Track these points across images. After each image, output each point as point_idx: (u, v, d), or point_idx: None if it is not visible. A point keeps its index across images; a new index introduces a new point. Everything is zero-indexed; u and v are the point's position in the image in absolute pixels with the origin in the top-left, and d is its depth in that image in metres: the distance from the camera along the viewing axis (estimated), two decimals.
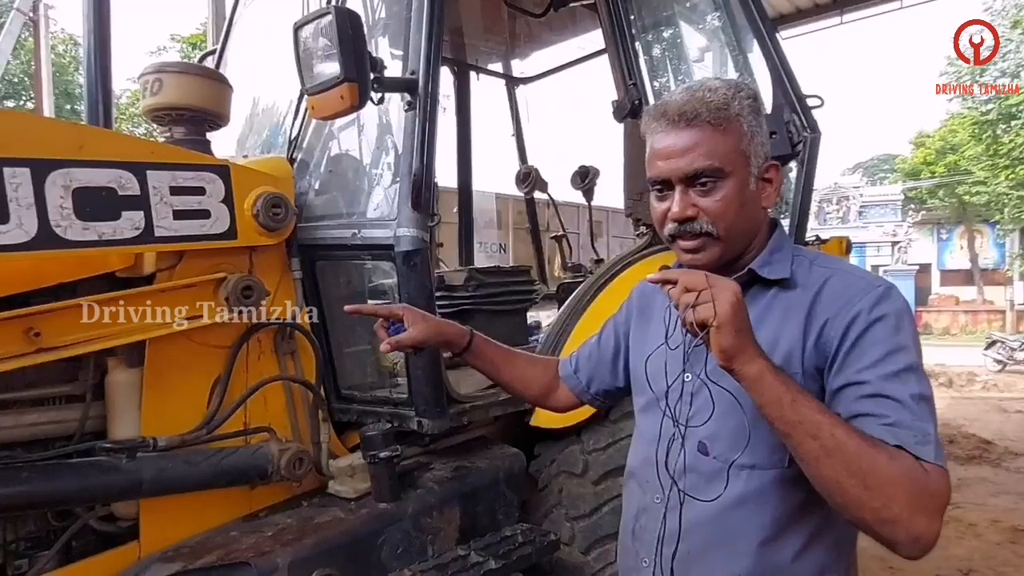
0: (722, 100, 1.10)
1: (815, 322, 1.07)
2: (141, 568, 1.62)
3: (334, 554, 1.67)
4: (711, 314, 0.93)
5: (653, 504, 1.21)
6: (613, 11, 2.54)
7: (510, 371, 1.53)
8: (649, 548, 1.20)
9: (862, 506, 0.91)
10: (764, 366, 0.95)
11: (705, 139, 1.09)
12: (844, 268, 1.15)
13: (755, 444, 1.09)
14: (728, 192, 1.10)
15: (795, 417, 0.93)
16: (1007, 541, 4.65)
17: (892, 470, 0.90)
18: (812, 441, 0.92)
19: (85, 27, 2.21)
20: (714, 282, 0.95)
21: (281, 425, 1.93)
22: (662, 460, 1.20)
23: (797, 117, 2.24)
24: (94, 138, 1.65)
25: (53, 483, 1.52)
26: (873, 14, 8.27)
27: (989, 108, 20.57)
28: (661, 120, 1.13)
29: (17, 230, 1.45)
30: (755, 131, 1.12)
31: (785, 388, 0.94)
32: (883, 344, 1.00)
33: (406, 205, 1.89)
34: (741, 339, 0.94)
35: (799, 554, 1.09)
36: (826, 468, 0.92)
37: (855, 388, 1.00)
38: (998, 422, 8.73)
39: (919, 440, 0.93)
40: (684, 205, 1.10)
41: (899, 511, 0.89)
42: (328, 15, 1.66)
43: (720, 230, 1.11)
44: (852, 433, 0.92)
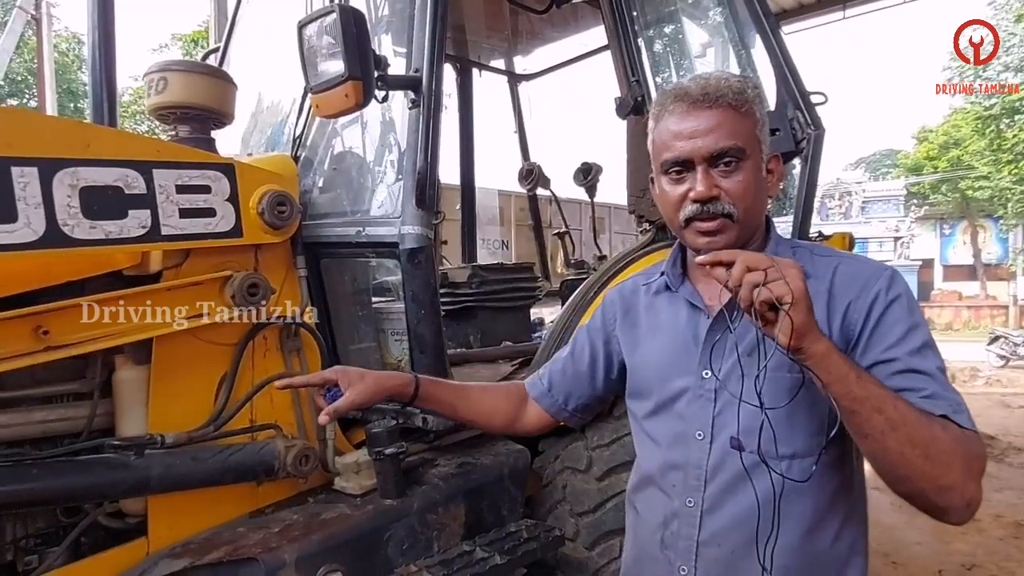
0: (738, 85, 1.12)
1: (838, 307, 1.09)
2: (149, 564, 1.63)
3: (340, 550, 1.67)
4: (787, 290, 0.90)
5: (685, 508, 1.18)
6: (616, 7, 2.53)
7: (467, 407, 1.48)
8: (687, 555, 1.18)
9: (924, 475, 0.94)
10: (829, 343, 0.96)
11: (729, 119, 1.10)
12: (847, 256, 1.19)
13: (793, 433, 1.09)
14: (749, 174, 1.11)
15: (862, 393, 0.94)
16: (1010, 536, 4.65)
17: (947, 439, 0.94)
18: (878, 415, 0.94)
19: (89, 25, 2.21)
20: (777, 259, 0.94)
21: (287, 422, 1.94)
22: (691, 462, 1.18)
23: (801, 114, 2.24)
24: (100, 137, 1.65)
25: (63, 480, 1.53)
26: (876, 8, 8.25)
27: (992, 103, 20.55)
28: (681, 101, 1.12)
29: (25, 229, 1.46)
30: (764, 120, 1.16)
31: (850, 365, 0.96)
32: (903, 322, 1.05)
33: (410, 203, 1.89)
34: (811, 317, 0.94)
35: (836, 536, 1.12)
36: (891, 440, 0.94)
37: (886, 366, 1.03)
38: (1001, 418, 8.72)
39: (955, 409, 0.98)
40: (709, 184, 1.10)
41: (956, 477, 0.93)
42: (332, 13, 1.66)
43: (740, 211, 1.11)
44: (911, 406, 0.96)
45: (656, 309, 1.32)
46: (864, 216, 27.85)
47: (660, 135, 1.16)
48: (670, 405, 1.24)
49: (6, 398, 1.59)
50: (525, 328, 3.31)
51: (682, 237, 1.20)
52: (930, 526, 4.80)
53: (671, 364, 1.23)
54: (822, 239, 3.15)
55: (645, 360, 1.32)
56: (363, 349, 2.19)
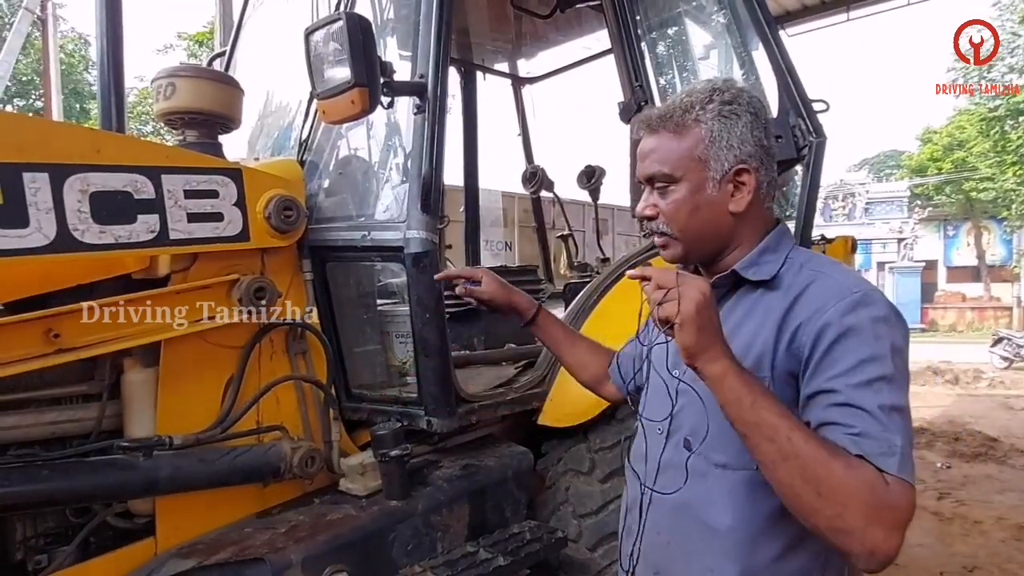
0: (686, 106, 1.14)
1: (789, 326, 1.07)
2: (158, 564, 1.66)
3: (346, 550, 1.70)
4: (674, 311, 0.95)
5: (640, 496, 1.25)
6: (619, 12, 2.55)
7: (569, 350, 1.62)
8: (635, 539, 1.24)
9: (816, 513, 0.90)
10: (727, 366, 0.96)
11: (660, 146, 1.15)
12: (830, 272, 1.12)
13: (728, 443, 1.09)
14: (678, 196, 1.14)
15: (753, 419, 0.94)
16: (1012, 538, 4.65)
17: (848, 479, 0.89)
18: (769, 444, 0.93)
19: (97, 28, 2.23)
20: (683, 280, 0.97)
21: (293, 424, 1.96)
22: (651, 454, 1.23)
23: (803, 121, 2.25)
24: (110, 143, 1.68)
25: (73, 481, 1.56)
26: (880, 11, 8.24)
27: (997, 104, 20.49)
28: (643, 125, 1.20)
29: (37, 234, 1.48)
30: (719, 136, 1.12)
31: (747, 390, 0.95)
32: (856, 353, 0.98)
33: (415, 208, 1.91)
34: (704, 337, 0.95)
35: (780, 558, 1.09)
36: (781, 472, 0.92)
37: (825, 396, 0.99)
38: (1004, 419, 8.70)
39: (884, 452, 0.91)
40: (644, 204, 1.18)
41: (853, 521, 0.88)
42: (339, 21, 1.68)
43: (674, 230, 1.16)
44: (811, 439, 0.92)
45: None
46: (868, 217, 27.77)
47: None
48: (649, 398, 1.30)
49: (17, 399, 1.62)
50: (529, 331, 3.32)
51: None
52: (932, 528, 4.81)
53: (656, 360, 1.27)
54: (825, 242, 3.17)
55: (644, 355, 1.36)
56: (368, 351, 2.21)
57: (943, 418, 8.65)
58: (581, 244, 4.64)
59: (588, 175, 3.73)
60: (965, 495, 5.55)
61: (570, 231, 4.20)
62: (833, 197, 28.29)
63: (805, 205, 2.35)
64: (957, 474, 6.23)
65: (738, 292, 1.17)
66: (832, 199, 28.30)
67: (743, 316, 1.14)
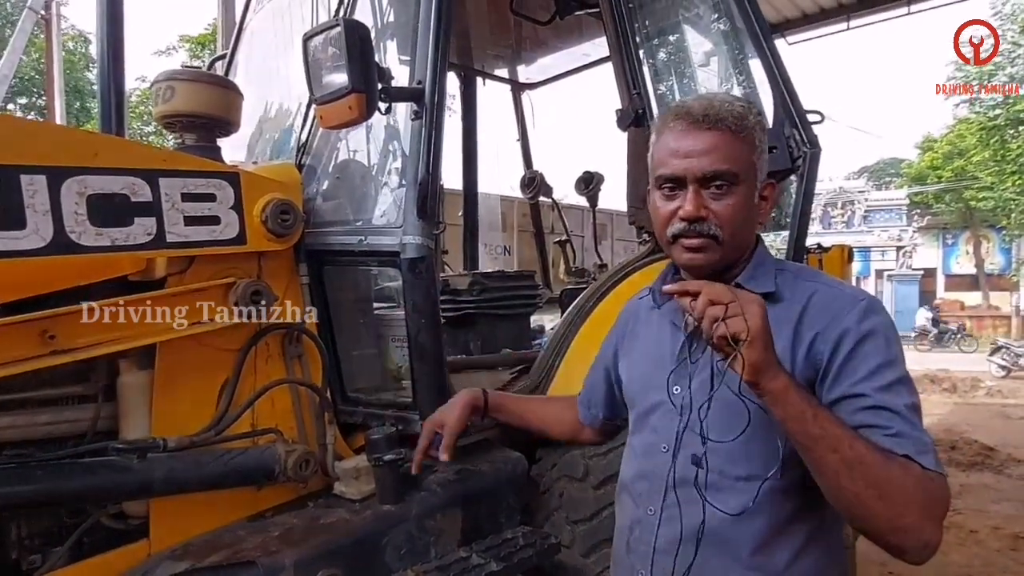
0: (741, 110, 1.13)
1: (804, 335, 1.09)
2: (151, 565, 1.66)
3: (339, 554, 1.69)
4: (743, 327, 0.92)
5: (647, 516, 1.23)
6: (618, 20, 2.56)
7: (533, 417, 1.67)
8: (645, 560, 1.22)
9: (879, 516, 0.94)
10: (787, 381, 0.97)
11: (726, 143, 1.10)
12: (828, 282, 1.17)
13: (750, 456, 1.11)
14: (739, 199, 1.12)
15: (818, 431, 0.95)
16: (1007, 548, 4.67)
17: (906, 480, 0.93)
18: (833, 454, 0.94)
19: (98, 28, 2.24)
20: (740, 295, 0.96)
21: (288, 427, 1.96)
22: (655, 473, 1.22)
23: (797, 132, 2.26)
24: (108, 146, 1.69)
25: (68, 481, 1.56)
26: (880, 19, 8.27)
27: (997, 113, 20.53)
28: (682, 120, 1.14)
29: (34, 236, 1.49)
30: (763, 147, 1.15)
31: (808, 403, 0.96)
32: (875, 357, 1.03)
33: (412, 213, 1.92)
34: (769, 355, 0.95)
35: (792, 561, 1.11)
36: (845, 480, 0.94)
37: (854, 400, 1.02)
38: (1001, 428, 8.72)
39: (920, 449, 0.97)
40: (697, 204, 1.11)
41: (913, 519, 0.93)
42: (337, 26, 1.70)
43: (726, 234, 1.12)
44: (869, 446, 0.95)
45: (650, 323, 1.35)
46: (866, 225, 27.84)
47: (658, 151, 1.18)
48: (647, 417, 1.29)
49: (12, 400, 1.62)
50: (525, 336, 3.33)
51: (668, 251, 1.22)
52: None
53: (650, 378, 1.26)
54: (821, 251, 3.18)
55: (631, 373, 1.37)
56: (364, 355, 2.22)
57: (940, 427, 8.67)
58: (579, 250, 4.65)
59: (586, 181, 3.74)
60: (961, 504, 5.55)
61: (568, 237, 4.21)
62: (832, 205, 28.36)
63: (799, 215, 2.36)
64: (953, 483, 6.19)
65: None
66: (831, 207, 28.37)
67: None
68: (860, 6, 8.02)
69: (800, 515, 1.12)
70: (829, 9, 8.09)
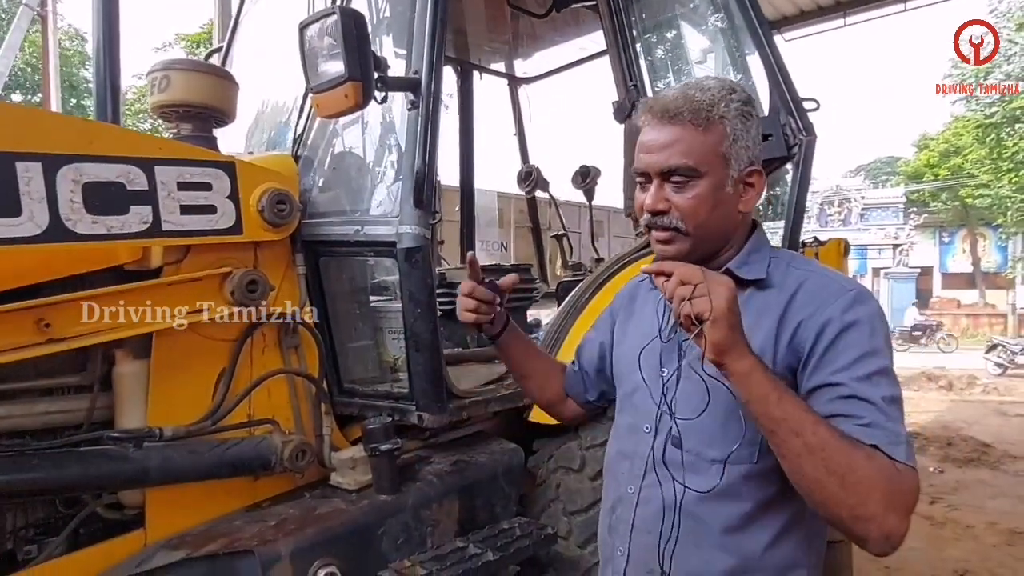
0: (709, 101, 1.12)
1: (789, 323, 1.09)
2: (147, 555, 1.66)
3: (335, 544, 1.70)
4: (707, 307, 0.94)
5: (627, 495, 1.24)
6: (614, 13, 2.57)
7: (531, 368, 1.58)
8: (624, 539, 1.24)
9: (840, 503, 0.94)
10: (754, 362, 0.97)
11: (684, 138, 1.11)
12: (819, 271, 1.17)
13: (725, 439, 1.11)
14: (700, 191, 1.12)
15: (780, 414, 0.95)
16: (1003, 543, 4.68)
17: (869, 469, 0.93)
18: (795, 438, 0.94)
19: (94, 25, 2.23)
20: (709, 276, 0.97)
21: (284, 417, 1.97)
22: (637, 452, 1.24)
23: (793, 120, 2.27)
24: (103, 134, 1.68)
25: (64, 471, 1.56)
26: (876, 16, 8.28)
27: (993, 111, 20.59)
28: (648, 114, 1.16)
29: (29, 223, 1.49)
30: (739, 135, 1.14)
31: (772, 385, 0.97)
32: (856, 347, 1.03)
33: (408, 203, 1.92)
34: (734, 335, 0.96)
35: (769, 546, 1.12)
36: (807, 465, 0.95)
37: (830, 389, 1.02)
38: (997, 425, 8.75)
39: (892, 441, 0.96)
40: (656, 198, 1.14)
41: (874, 509, 0.92)
42: (333, 15, 1.69)
43: (688, 227, 1.13)
44: (833, 432, 0.95)
45: (647, 303, 1.36)
46: (863, 223, 27.88)
47: (637, 144, 1.20)
48: (631, 397, 1.30)
49: (7, 390, 1.62)
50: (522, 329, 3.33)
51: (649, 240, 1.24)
52: (924, 532, 4.83)
53: (637, 358, 1.27)
54: (818, 244, 3.19)
55: (621, 352, 1.38)
56: (360, 346, 2.22)
57: (937, 424, 8.69)
58: (576, 244, 4.65)
59: (583, 175, 3.75)
60: (957, 500, 5.58)
61: (565, 231, 4.22)
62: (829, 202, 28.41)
63: (795, 204, 2.36)
64: (950, 479, 6.26)
65: None
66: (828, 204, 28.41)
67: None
68: (856, 3, 8.04)
69: (779, 500, 1.11)
70: (826, 6, 8.10)
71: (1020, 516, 5.19)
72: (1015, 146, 19.77)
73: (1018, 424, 8.93)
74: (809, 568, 1.16)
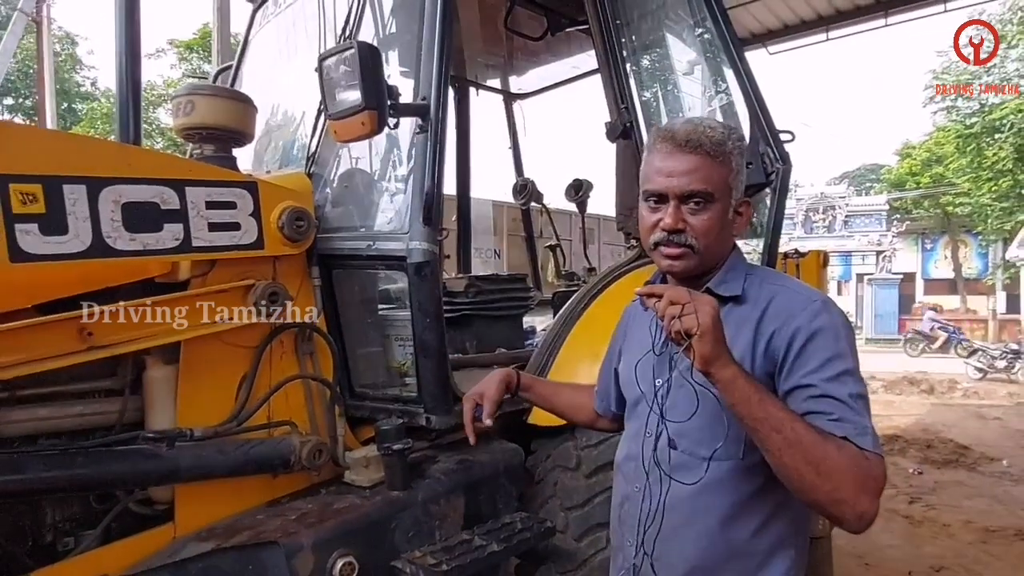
0: (720, 137, 1.28)
1: (763, 333, 1.24)
2: (178, 546, 1.79)
3: (352, 536, 1.83)
4: (695, 324, 1.08)
5: (634, 492, 1.39)
6: (606, 37, 2.71)
7: (559, 401, 1.75)
8: (631, 531, 1.38)
9: (817, 489, 1.08)
10: (736, 370, 1.12)
11: (704, 166, 1.26)
12: (789, 286, 1.32)
13: (715, 439, 1.26)
14: (714, 215, 1.28)
15: (762, 414, 1.10)
16: (979, 541, 4.85)
17: (841, 458, 1.07)
18: (776, 435, 1.09)
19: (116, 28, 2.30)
20: (695, 296, 1.12)
21: (301, 420, 2.10)
22: (642, 454, 1.38)
23: (771, 149, 2.44)
24: (140, 157, 1.83)
25: (104, 468, 1.69)
26: (857, 32, 8.52)
27: (973, 121, 20.89)
28: (668, 142, 1.29)
29: (75, 240, 1.63)
30: (740, 169, 1.31)
31: (754, 389, 1.11)
32: (824, 352, 1.18)
33: (417, 220, 2.06)
34: (718, 347, 1.10)
35: (757, 531, 1.27)
36: (787, 457, 1.09)
37: (803, 390, 1.17)
38: (976, 428, 8.96)
39: (859, 432, 1.11)
40: (676, 218, 1.27)
41: (847, 493, 1.07)
42: (351, 49, 1.83)
43: (701, 245, 1.28)
44: (808, 428, 1.09)
45: (641, 324, 1.50)
46: (847, 230, 28.22)
47: (646, 167, 1.34)
48: (635, 407, 1.46)
49: (48, 393, 1.74)
50: (518, 336, 3.46)
51: (651, 256, 1.38)
52: (903, 530, 5.00)
53: (645, 369, 1.42)
54: (798, 256, 3.36)
55: (624, 368, 1.52)
56: (370, 353, 2.35)
57: (917, 426, 8.90)
58: (568, 253, 4.80)
59: (576, 188, 3.88)
60: (935, 500, 5.76)
61: (558, 241, 4.36)
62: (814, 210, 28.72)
63: (772, 225, 2.54)
64: (928, 480, 6.44)
65: None
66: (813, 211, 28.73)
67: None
68: (839, 18, 8.27)
69: (765, 491, 1.26)
70: (809, 20, 8.34)
71: (995, 515, 5.37)
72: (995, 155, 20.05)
73: (996, 427, 9.15)
74: (796, 549, 1.31)
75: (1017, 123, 18.62)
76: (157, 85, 20.38)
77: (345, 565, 1.78)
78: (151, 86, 19.96)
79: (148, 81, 19.86)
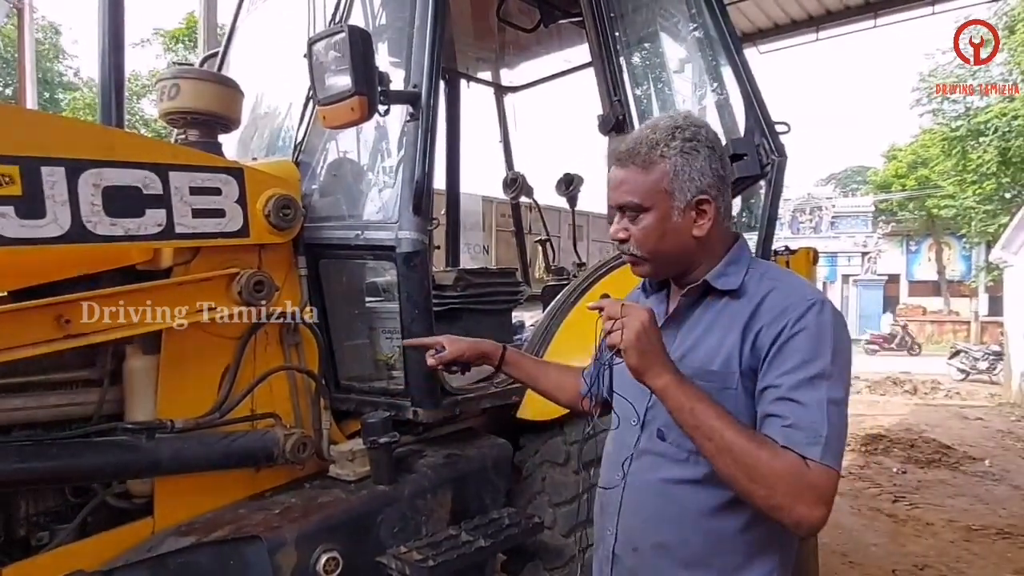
0: (654, 143, 1.28)
1: (752, 329, 1.22)
2: (157, 541, 1.74)
3: (337, 530, 1.80)
4: (619, 340, 1.14)
5: (615, 480, 1.38)
6: (599, 30, 2.68)
7: (544, 379, 1.73)
8: (612, 520, 1.38)
9: (751, 494, 1.11)
10: (669, 380, 1.14)
11: (630, 178, 1.29)
12: (787, 282, 1.29)
13: None
14: (647, 223, 1.29)
15: (693, 422, 1.13)
16: (961, 539, 4.89)
17: (773, 466, 1.08)
18: (708, 442, 1.12)
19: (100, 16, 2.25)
20: (627, 311, 1.16)
21: (285, 412, 2.06)
22: (626, 443, 1.37)
23: (766, 141, 2.43)
24: (123, 140, 1.77)
25: (81, 459, 1.64)
26: (848, 32, 8.56)
27: (959, 125, 21.09)
28: (614, 155, 1.35)
29: (53, 224, 1.57)
30: (682, 169, 1.27)
31: (687, 398, 1.13)
32: (800, 353, 1.16)
33: (407, 209, 2.02)
34: (645, 359, 1.14)
35: (742, 530, 1.25)
36: (720, 463, 1.12)
37: (771, 391, 1.17)
38: (958, 428, 9.06)
39: (810, 441, 1.10)
40: (617, 228, 1.33)
41: (781, 499, 1.08)
42: (342, 32, 1.79)
43: (643, 253, 1.31)
44: (741, 435, 1.11)
45: None
46: (833, 231, 28.47)
47: None
48: (623, 398, 1.43)
49: (22, 383, 1.69)
50: (507, 330, 3.43)
51: None
52: (887, 529, 5.03)
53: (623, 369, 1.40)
54: (789, 253, 3.34)
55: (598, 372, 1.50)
56: (357, 345, 2.31)
57: (901, 426, 8.97)
58: (557, 249, 4.77)
59: (566, 183, 3.86)
60: (919, 499, 5.80)
61: (547, 236, 4.33)
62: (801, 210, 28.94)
63: (767, 218, 2.52)
64: (912, 479, 6.49)
65: (706, 300, 1.32)
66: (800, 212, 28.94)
67: (712, 321, 1.29)
68: (829, 18, 8.30)
69: None
70: (799, 20, 8.36)
71: (977, 514, 5.42)
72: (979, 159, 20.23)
73: (978, 427, 9.25)
74: (782, 547, 1.29)
75: (1001, 127, 18.77)
76: (141, 75, 20.14)
77: (329, 560, 1.75)
78: (135, 76, 19.71)
79: (132, 71, 19.63)
